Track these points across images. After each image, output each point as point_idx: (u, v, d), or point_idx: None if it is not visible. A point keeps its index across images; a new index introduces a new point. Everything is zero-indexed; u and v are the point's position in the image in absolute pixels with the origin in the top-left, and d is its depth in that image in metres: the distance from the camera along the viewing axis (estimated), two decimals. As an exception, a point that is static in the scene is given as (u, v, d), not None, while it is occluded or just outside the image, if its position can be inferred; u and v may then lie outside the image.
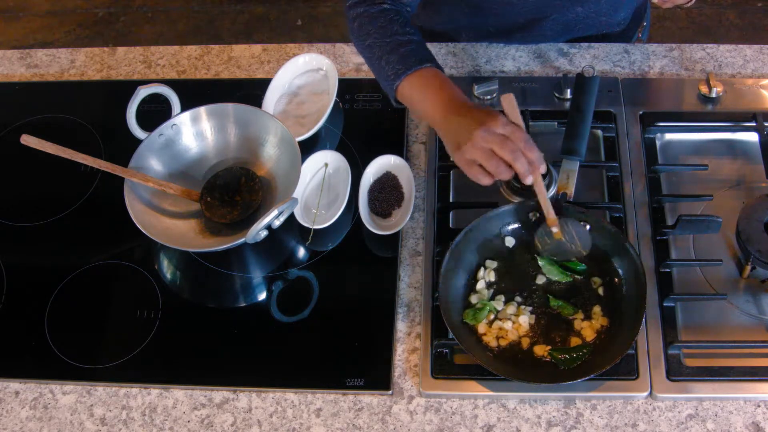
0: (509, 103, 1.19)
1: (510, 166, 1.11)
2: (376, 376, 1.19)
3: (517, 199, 1.29)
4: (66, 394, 1.22)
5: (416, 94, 1.20)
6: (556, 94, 1.44)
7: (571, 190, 1.26)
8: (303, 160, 1.32)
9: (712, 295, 1.22)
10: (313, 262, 1.31)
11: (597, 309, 1.20)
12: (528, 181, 1.13)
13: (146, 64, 1.60)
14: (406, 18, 1.27)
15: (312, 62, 1.50)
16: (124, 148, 1.34)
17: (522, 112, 1.39)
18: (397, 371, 1.20)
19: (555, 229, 1.20)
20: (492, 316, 1.20)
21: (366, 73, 1.53)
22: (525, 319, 1.19)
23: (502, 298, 1.22)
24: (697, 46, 1.52)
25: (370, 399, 1.18)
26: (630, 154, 1.36)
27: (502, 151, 1.10)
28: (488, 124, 1.11)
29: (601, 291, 1.21)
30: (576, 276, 1.23)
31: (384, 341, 1.22)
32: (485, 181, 1.14)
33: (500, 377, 1.12)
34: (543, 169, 1.15)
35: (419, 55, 1.21)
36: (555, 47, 1.53)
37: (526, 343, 1.18)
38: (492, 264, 1.25)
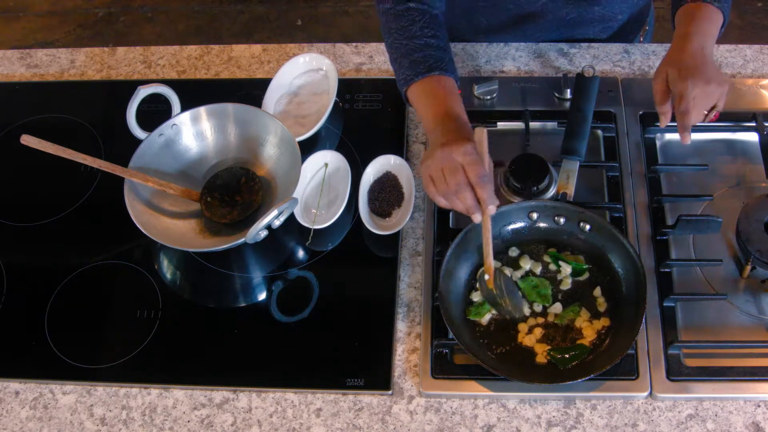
0: (479, 137, 1.18)
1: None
2: (376, 376, 1.19)
3: (517, 199, 1.29)
4: (66, 394, 1.22)
5: (419, 101, 1.23)
6: (556, 94, 1.44)
7: (571, 190, 1.27)
8: (303, 160, 1.32)
9: (712, 295, 1.22)
10: (313, 262, 1.31)
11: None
12: (476, 219, 1.12)
13: (146, 64, 1.60)
14: (431, 18, 1.27)
15: (312, 62, 1.50)
16: (124, 148, 1.34)
17: (522, 112, 1.40)
18: (397, 371, 1.20)
19: (487, 277, 1.17)
20: (495, 310, 1.20)
21: (366, 72, 1.54)
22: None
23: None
24: (697, 46, 1.51)
25: (370, 399, 1.18)
26: (630, 154, 1.36)
27: (449, 178, 1.10)
28: (451, 147, 1.10)
29: (600, 291, 1.21)
30: (576, 278, 1.23)
31: (384, 341, 1.22)
32: (439, 201, 1.14)
33: (500, 377, 1.12)
34: (492, 210, 1.12)
35: (429, 62, 1.22)
36: (555, 47, 1.53)
37: (526, 343, 1.18)
38: (496, 264, 1.24)
